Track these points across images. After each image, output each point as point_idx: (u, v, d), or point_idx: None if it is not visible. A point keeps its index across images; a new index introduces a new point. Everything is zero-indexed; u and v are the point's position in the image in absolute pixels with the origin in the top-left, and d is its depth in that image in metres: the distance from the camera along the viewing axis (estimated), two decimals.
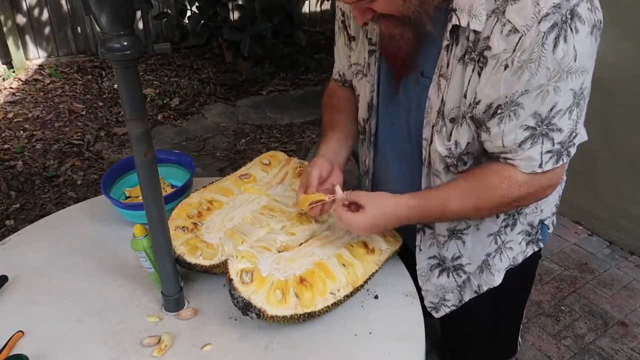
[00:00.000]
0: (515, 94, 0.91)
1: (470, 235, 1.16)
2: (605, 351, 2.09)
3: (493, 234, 1.17)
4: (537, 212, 1.20)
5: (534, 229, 1.22)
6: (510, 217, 1.16)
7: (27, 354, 0.97)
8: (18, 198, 3.09)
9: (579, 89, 0.93)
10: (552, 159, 0.97)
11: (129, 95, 0.88)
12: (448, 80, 0.99)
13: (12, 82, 4.49)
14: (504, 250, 1.21)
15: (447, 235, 1.16)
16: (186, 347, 1.02)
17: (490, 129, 0.97)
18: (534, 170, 0.98)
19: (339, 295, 1.06)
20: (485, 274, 1.22)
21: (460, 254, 1.19)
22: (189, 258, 1.12)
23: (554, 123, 0.94)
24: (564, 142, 0.97)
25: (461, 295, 1.26)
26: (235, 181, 1.33)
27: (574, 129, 0.97)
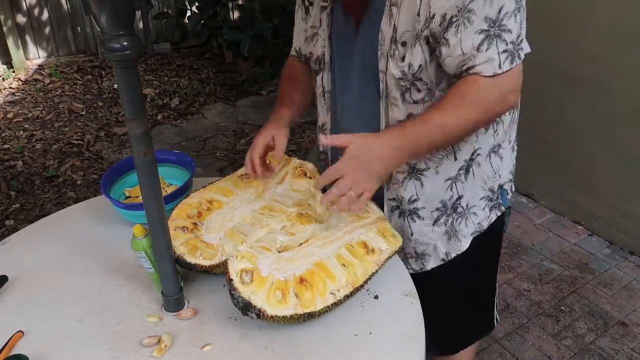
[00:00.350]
0: (465, 1, 1.00)
1: (429, 177, 1.23)
2: (605, 351, 2.09)
3: (451, 179, 1.23)
4: (496, 177, 1.28)
5: (494, 194, 1.30)
6: (465, 163, 1.23)
7: (27, 354, 0.97)
8: (18, 198, 3.09)
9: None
10: (508, 58, 1.05)
11: (129, 95, 0.88)
12: (399, 7, 1.07)
13: (12, 82, 4.49)
14: (469, 215, 1.29)
15: (407, 173, 1.23)
16: (186, 347, 1.02)
17: (449, 40, 1.04)
18: (495, 71, 1.05)
19: (339, 295, 1.06)
20: (452, 241, 1.29)
21: (417, 197, 1.25)
22: (189, 258, 1.12)
23: (504, 24, 1.02)
24: (515, 43, 1.05)
25: (423, 264, 1.32)
26: (235, 181, 1.33)
27: (520, 32, 1.05)
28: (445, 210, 1.28)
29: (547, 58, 2.57)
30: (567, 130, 2.67)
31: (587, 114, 2.58)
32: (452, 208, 1.28)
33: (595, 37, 2.43)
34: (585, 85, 2.54)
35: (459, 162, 1.22)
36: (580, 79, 2.55)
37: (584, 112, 2.59)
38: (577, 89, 2.58)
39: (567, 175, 2.73)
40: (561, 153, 2.73)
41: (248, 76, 4.79)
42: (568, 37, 2.52)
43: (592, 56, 2.46)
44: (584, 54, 2.50)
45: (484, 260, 1.41)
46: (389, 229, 1.23)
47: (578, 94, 2.59)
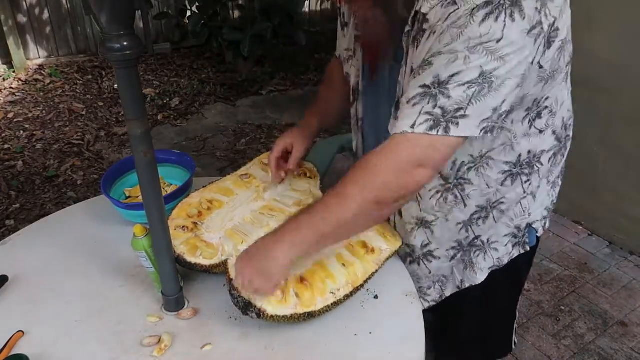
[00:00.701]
0: (430, 54, 0.92)
1: (438, 225, 1.16)
2: (605, 351, 2.09)
3: (462, 223, 1.15)
4: (524, 215, 1.18)
5: (520, 232, 1.20)
6: (483, 210, 1.13)
7: (27, 354, 0.97)
8: (18, 198, 3.09)
9: (488, 71, 0.88)
10: (427, 122, 0.91)
11: (129, 95, 0.88)
12: (406, 65, 1.02)
13: (12, 82, 4.49)
14: (488, 250, 1.20)
15: (415, 224, 1.18)
16: (186, 347, 1.02)
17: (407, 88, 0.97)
18: (404, 130, 0.92)
19: (339, 294, 1.06)
20: (468, 271, 1.22)
21: (429, 241, 1.19)
22: (189, 258, 1.12)
23: (448, 88, 0.90)
24: (447, 111, 0.90)
25: (442, 290, 1.26)
26: (236, 181, 1.33)
27: (464, 107, 0.90)
28: (462, 248, 1.20)
29: None
30: None
31: (587, 114, 2.58)
32: (468, 245, 1.20)
33: (596, 37, 2.43)
34: (585, 85, 2.54)
35: (470, 208, 1.13)
36: (580, 79, 2.55)
37: (584, 112, 2.59)
38: (577, 88, 2.57)
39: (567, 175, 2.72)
40: None
41: (248, 76, 4.79)
42: None
43: (593, 56, 2.46)
44: (584, 54, 2.49)
45: (502, 294, 1.33)
46: (388, 229, 1.23)
47: (578, 94, 2.58)
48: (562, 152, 1.18)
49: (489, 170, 1.08)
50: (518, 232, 1.20)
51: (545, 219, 1.25)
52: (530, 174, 1.12)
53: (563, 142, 1.16)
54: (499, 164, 1.08)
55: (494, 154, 1.06)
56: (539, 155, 1.11)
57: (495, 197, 1.12)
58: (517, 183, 1.12)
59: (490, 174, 1.08)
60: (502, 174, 1.09)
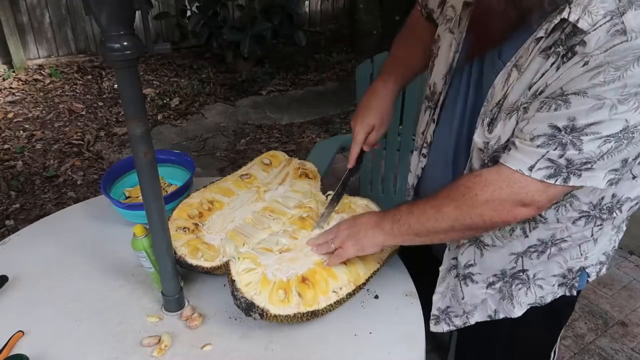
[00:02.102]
0: (571, 89, 0.79)
1: (490, 251, 1.07)
2: (605, 351, 2.09)
3: (516, 254, 1.06)
4: (580, 258, 1.07)
5: (571, 273, 1.09)
6: (542, 245, 1.04)
7: (27, 354, 0.97)
8: (18, 198, 3.09)
9: (633, 125, 0.78)
10: (548, 169, 0.84)
11: (129, 95, 0.88)
12: (521, 73, 0.87)
13: (12, 82, 4.49)
14: (532, 286, 1.10)
15: (468, 240, 1.09)
16: (186, 347, 1.02)
17: (528, 110, 0.86)
18: (520, 168, 0.86)
19: (341, 293, 1.06)
20: (505, 302, 1.13)
21: (474, 263, 1.11)
22: (190, 259, 1.12)
23: (582, 140, 0.80)
24: (573, 163, 0.83)
25: (467, 319, 1.18)
26: (236, 181, 1.33)
27: (593, 161, 0.82)
28: (503, 277, 1.11)
29: None
30: None
31: None
32: (511, 276, 1.10)
33: None
34: None
35: (530, 240, 1.03)
36: None
37: None
38: None
39: None
40: None
41: (248, 76, 4.79)
42: None
43: None
44: None
45: (536, 334, 1.22)
46: None
47: None
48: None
49: (570, 210, 0.98)
50: (568, 274, 1.10)
51: (602, 264, 1.13)
52: (605, 220, 1.02)
53: None
54: (580, 204, 0.98)
55: (580, 193, 0.96)
56: (622, 202, 1.00)
57: (561, 235, 1.02)
58: (589, 226, 1.02)
59: (565, 213, 0.99)
60: (578, 213, 0.99)
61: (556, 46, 0.82)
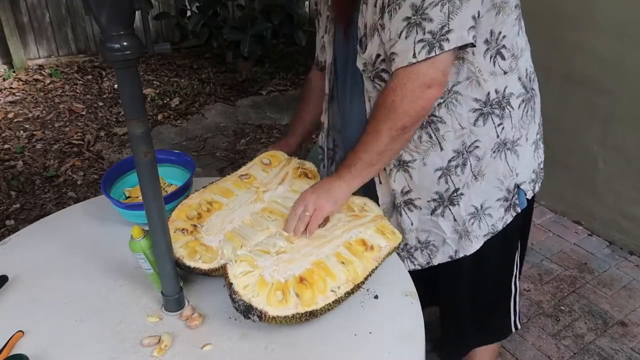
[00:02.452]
0: None
1: (416, 169, 1.22)
2: (605, 351, 2.09)
3: (441, 170, 1.21)
4: (512, 175, 1.25)
5: (510, 193, 1.26)
6: (460, 156, 1.20)
7: (27, 354, 0.97)
8: (18, 198, 3.09)
9: None
10: (425, 48, 1.04)
11: (129, 95, 0.88)
12: (367, 3, 1.10)
13: (12, 82, 4.49)
14: (483, 216, 1.26)
15: (394, 165, 1.23)
16: (186, 347, 1.02)
17: (384, 25, 1.07)
18: (410, 60, 1.05)
19: (339, 292, 1.06)
20: (463, 240, 1.27)
21: (409, 188, 1.25)
22: (188, 261, 1.12)
23: (427, 13, 1.02)
24: (435, 33, 1.03)
25: (430, 257, 1.31)
26: (235, 181, 1.33)
27: (445, 22, 1.03)
28: (442, 201, 1.25)
29: (547, 58, 2.57)
30: (567, 130, 2.67)
31: (587, 114, 2.58)
32: (449, 200, 1.25)
33: (596, 37, 2.43)
34: (585, 85, 2.54)
35: (446, 152, 1.20)
36: (580, 79, 2.55)
37: (584, 112, 2.59)
38: (578, 88, 2.58)
39: (567, 175, 2.73)
40: (561, 153, 2.72)
41: (248, 76, 4.79)
42: (569, 37, 2.52)
43: (593, 56, 2.46)
44: (584, 54, 2.50)
45: (496, 263, 1.37)
46: (387, 227, 1.23)
47: (578, 94, 2.59)
48: (531, 105, 1.25)
49: (458, 107, 1.15)
50: (508, 195, 1.26)
51: (534, 182, 1.31)
52: (502, 117, 1.19)
53: (530, 93, 1.24)
54: (468, 101, 1.15)
55: (461, 89, 1.14)
56: (507, 96, 1.18)
57: (470, 140, 1.19)
58: (489, 124, 1.18)
59: (460, 112, 1.15)
60: (472, 112, 1.16)
61: None
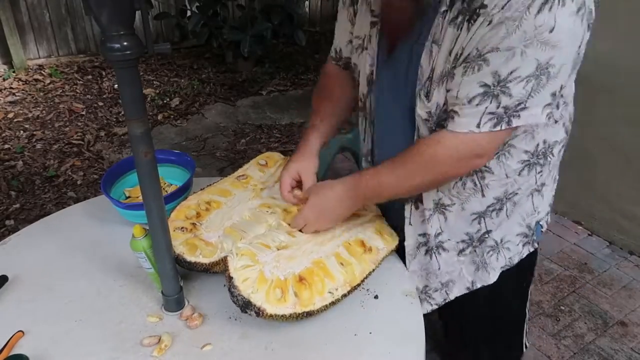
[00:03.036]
0: (485, 48, 0.93)
1: (454, 213, 1.18)
2: (605, 351, 2.09)
3: (477, 214, 1.18)
4: (534, 214, 1.22)
5: (530, 230, 1.24)
6: (498, 202, 1.17)
7: (27, 354, 0.97)
8: (18, 198, 3.09)
9: (544, 62, 0.93)
10: (492, 121, 0.98)
11: (129, 95, 0.88)
12: (439, 45, 1.01)
13: (12, 82, 4.49)
14: (502, 249, 1.23)
15: (432, 209, 1.18)
16: (186, 347, 1.02)
17: (454, 76, 0.99)
18: (471, 129, 0.99)
19: (337, 294, 1.06)
20: (480, 272, 1.24)
21: (442, 230, 1.20)
22: (189, 257, 1.12)
23: (508, 87, 0.95)
24: (509, 108, 0.97)
25: (447, 294, 1.27)
26: (233, 182, 1.34)
27: (524, 100, 0.97)
28: (471, 242, 1.22)
29: None
30: None
31: (587, 114, 2.58)
32: (478, 240, 1.22)
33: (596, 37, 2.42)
34: (585, 85, 2.54)
35: (487, 199, 1.16)
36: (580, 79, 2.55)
37: (584, 112, 2.59)
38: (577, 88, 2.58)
39: (567, 175, 2.72)
40: None
41: (248, 76, 4.79)
42: None
43: (593, 56, 2.46)
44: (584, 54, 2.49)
45: (511, 294, 1.35)
46: (385, 227, 1.24)
47: (578, 94, 2.59)
48: (565, 146, 1.23)
49: (510, 159, 1.11)
50: (528, 231, 1.24)
51: (548, 214, 1.30)
52: (543, 165, 1.17)
53: (568, 135, 1.22)
54: (519, 153, 1.11)
55: (516, 142, 1.09)
56: (552, 145, 1.15)
57: (512, 189, 1.15)
58: (532, 173, 1.16)
59: (510, 163, 1.11)
60: (521, 163, 1.12)
61: (461, 15, 0.96)
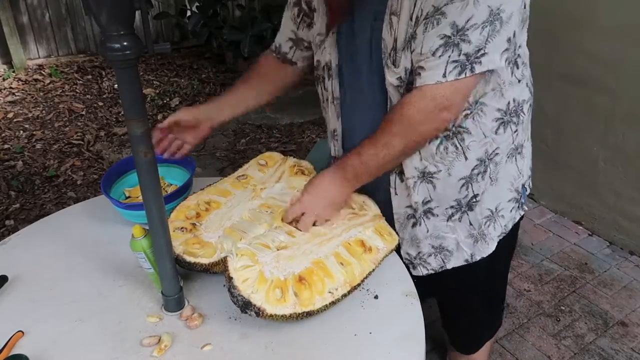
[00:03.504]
0: (441, 2, 0.99)
1: (441, 180, 1.20)
2: (605, 351, 2.09)
3: (464, 179, 1.20)
4: (520, 177, 1.28)
5: (519, 193, 1.30)
6: (482, 164, 1.19)
7: (27, 354, 0.97)
8: (18, 198, 3.09)
9: (495, 8, 0.98)
10: (456, 69, 1.02)
11: (129, 95, 0.88)
12: (398, 15, 1.05)
13: (12, 82, 4.49)
14: (497, 218, 1.27)
15: (417, 177, 1.20)
16: (186, 347, 1.02)
17: (416, 35, 1.03)
18: (438, 80, 1.02)
19: (337, 294, 1.06)
20: (480, 243, 1.27)
21: (430, 198, 1.23)
22: (188, 257, 1.12)
23: (467, 34, 0.99)
24: (470, 55, 1.01)
25: (444, 262, 1.30)
26: (233, 182, 1.34)
27: (482, 46, 1.01)
28: (460, 207, 1.25)
29: (547, 58, 2.57)
30: (567, 130, 2.67)
31: (587, 114, 2.58)
32: (467, 205, 1.24)
33: (596, 37, 2.43)
34: (585, 85, 2.54)
35: (471, 162, 1.19)
36: (580, 79, 2.55)
37: (584, 112, 2.59)
38: (578, 88, 2.58)
39: (567, 175, 2.73)
40: (561, 153, 2.73)
41: None
42: (569, 37, 2.52)
43: (593, 56, 2.46)
44: (584, 54, 2.50)
45: (503, 260, 1.41)
46: (385, 227, 1.24)
47: (578, 94, 2.59)
48: (532, 106, 1.28)
49: (483, 117, 1.15)
50: (517, 195, 1.29)
51: (530, 177, 1.35)
52: (517, 124, 1.20)
53: (532, 95, 1.26)
54: (492, 111, 1.15)
55: (487, 100, 1.13)
56: (521, 104, 1.20)
57: (491, 148, 1.19)
58: (508, 132, 1.19)
59: (485, 122, 1.15)
60: (495, 121, 1.16)
61: None
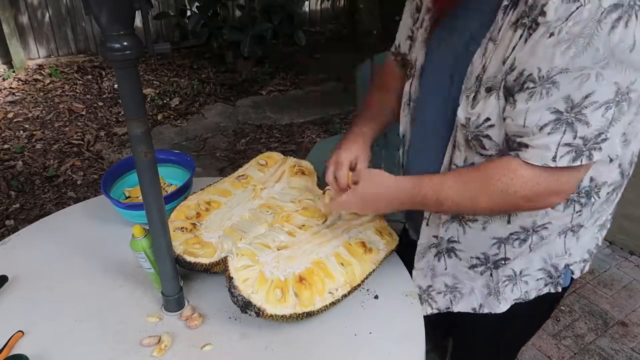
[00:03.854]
0: (553, 70, 0.81)
1: (473, 229, 1.07)
2: (605, 351, 2.09)
3: (498, 240, 1.07)
4: (564, 256, 1.10)
5: (557, 272, 1.12)
6: (524, 232, 1.05)
7: (27, 354, 0.97)
8: (18, 198, 3.09)
9: (625, 86, 0.80)
10: (569, 154, 0.85)
11: (129, 95, 0.88)
12: (495, 45, 0.90)
13: (12, 82, 4.49)
14: (519, 282, 1.13)
15: (450, 218, 1.09)
16: (186, 347, 1.02)
17: (516, 103, 0.87)
18: (546, 162, 0.86)
19: (337, 294, 1.06)
20: (491, 298, 1.15)
21: (458, 240, 1.11)
22: (189, 257, 1.12)
23: (584, 113, 0.81)
24: (588, 140, 0.83)
25: (451, 303, 1.20)
26: (233, 182, 1.34)
27: (605, 130, 0.83)
28: (486, 262, 1.12)
29: None
30: None
31: None
32: (493, 263, 1.11)
33: None
34: None
35: (512, 226, 1.04)
36: None
37: None
38: None
39: None
40: None
41: (248, 76, 4.79)
42: None
43: None
44: None
45: (521, 327, 1.26)
46: (385, 228, 1.24)
47: None
48: (619, 191, 1.09)
49: None
50: (554, 272, 1.12)
51: (586, 262, 1.15)
52: (584, 205, 1.04)
53: (624, 180, 1.07)
54: None
55: None
56: (600, 186, 1.03)
57: (541, 221, 1.04)
58: (568, 211, 1.03)
59: None
60: None
61: (522, 18, 0.85)
